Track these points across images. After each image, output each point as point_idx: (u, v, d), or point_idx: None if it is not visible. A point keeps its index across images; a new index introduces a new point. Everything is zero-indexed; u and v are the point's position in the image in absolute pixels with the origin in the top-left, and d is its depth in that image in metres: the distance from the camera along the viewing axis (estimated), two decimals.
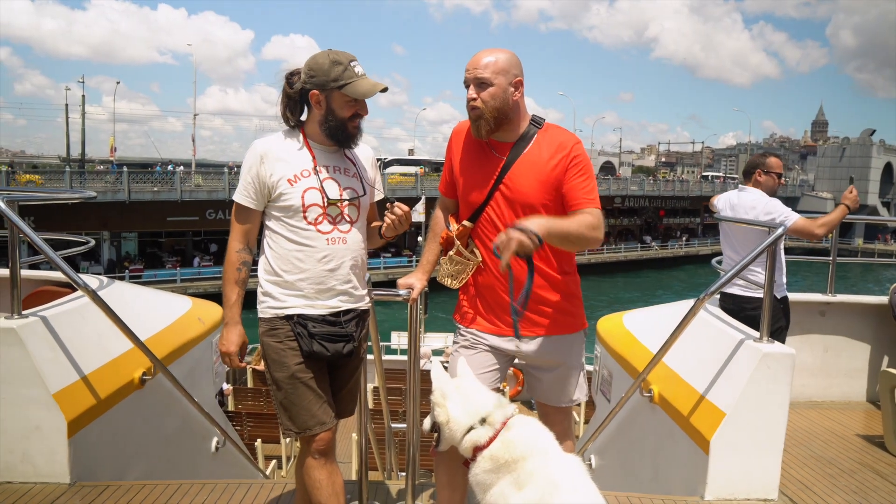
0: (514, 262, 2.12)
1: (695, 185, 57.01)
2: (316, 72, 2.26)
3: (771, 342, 3.04)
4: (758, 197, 4.06)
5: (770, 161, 4.19)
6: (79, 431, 2.85)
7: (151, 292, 4.62)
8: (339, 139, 2.35)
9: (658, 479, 3.52)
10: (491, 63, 2.28)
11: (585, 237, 2.23)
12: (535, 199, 2.34)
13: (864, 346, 5.03)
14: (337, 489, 2.39)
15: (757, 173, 4.16)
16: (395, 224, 2.42)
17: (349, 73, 2.25)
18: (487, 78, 2.27)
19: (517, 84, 2.32)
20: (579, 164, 2.33)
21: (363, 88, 2.27)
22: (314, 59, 2.28)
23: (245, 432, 7.23)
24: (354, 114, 2.32)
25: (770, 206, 4.01)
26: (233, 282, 2.36)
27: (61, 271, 2.94)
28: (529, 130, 2.39)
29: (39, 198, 5.01)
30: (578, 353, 2.53)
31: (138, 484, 3.00)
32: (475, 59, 2.32)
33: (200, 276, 30.70)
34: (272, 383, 2.36)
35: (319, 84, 2.26)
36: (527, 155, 2.36)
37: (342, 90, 2.25)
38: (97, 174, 31.09)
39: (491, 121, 2.32)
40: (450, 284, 2.54)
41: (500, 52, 2.32)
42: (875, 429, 4.25)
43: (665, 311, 4.43)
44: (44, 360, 2.81)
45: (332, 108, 2.29)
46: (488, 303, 2.48)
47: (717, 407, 3.00)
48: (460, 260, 2.48)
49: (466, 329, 2.54)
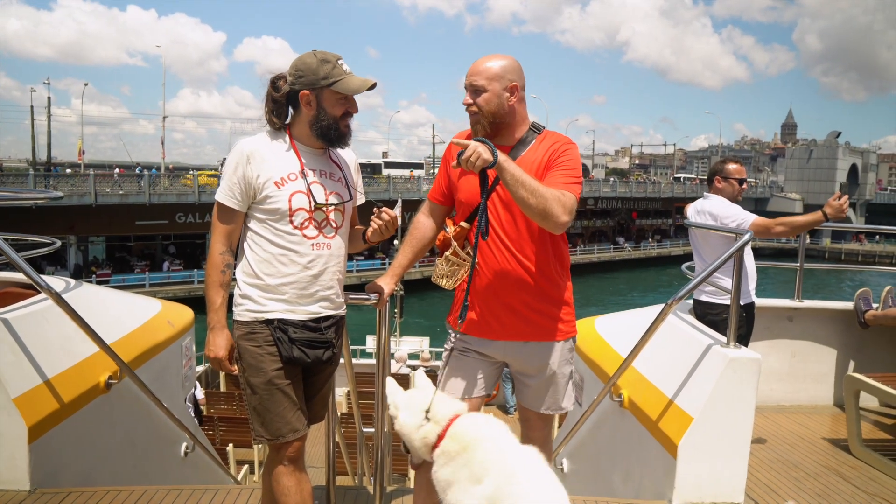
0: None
1: (666, 186, 57.89)
2: (304, 72, 2.24)
3: (738, 347, 3.08)
4: (717, 204, 4.03)
5: (728, 167, 4.13)
6: (40, 437, 2.79)
7: (119, 294, 4.54)
8: (330, 139, 2.33)
9: (628, 483, 3.55)
10: (485, 70, 2.33)
11: (547, 204, 2.13)
12: None
13: (831, 350, 5.12)
14: (305, 496, 2.37)
15: (716, 180, 4.13)
16: (381, 229, 2.41)
17: (338, 70, 2.25)
18: (481, 84, 2.32)
19: (512, 89, 2.34)
20: (565, 156, 2.34)
21: (354, 84, 2.26)
22: (301, 59, 2.27)
23: (217, 436, 7.15)
24: (345, 112, 2.32)
25: (726, 212, 3.96)
26: (217, 285, 2.31)
27: (23, 272, 2.88)
28: (528, 136, 2.41)
29: (3, 197, 4.90)
30: (567, 360, 2.52)
31: (102, 490, 2.94)
32: (473, 65, 2.37)
33: (170, 280, 30.45)
34: (246, 387, 2.32)
35: (309, 83, 2.24)
36: (523, 158, 2.37)
37: (332, 87, 2.24)
38: (63, 177, 30.62)
39: (486, 125, 2.36)
40: (444, 285, 2.54)
41: (498, 59, 2.36)
42: (840, 432, 4.33)
43: (636, 316, 4.46)
44: (4, 364, 2.75)
45: (324, 107, 2.28)
46: (479, 307, 2.47)
47: (685, 411, 3.03)
48: (456, 261, 2.48)
49: (457, 333, 2.53)
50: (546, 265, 2.40)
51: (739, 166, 4.19)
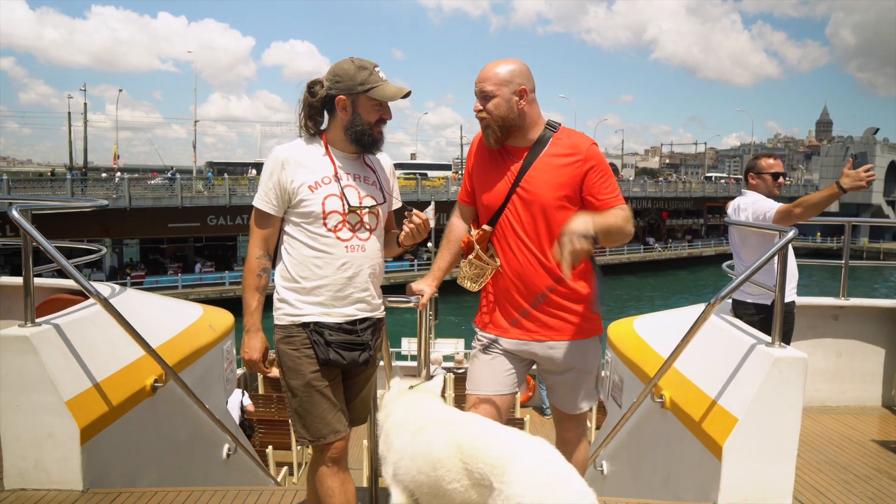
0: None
1: (697, 186, 56.90)
2: (342, 77, 2.28)
3: (783, 347, 3.01)
4: (749, 200, 3.98)
5: (760, 163, 4.07)
6: (91, 438, 2.87)
7: (162, 299, 4.64)
8: (364, 144, 2.36)
9: (669, 486, 3.50)
10: (493, 75, 2.37)
11: (623, 230, 2.33)
12: (551, 201, 2.37)
13: (878, 349, 4.98)
14: (349, 497, 2.39)
15: (749, 177, 4.10)
16: (413, 233, 2.43)
17: (374, 77, 2.28)
18: (490, 90, 2.36)
19: (521, 93, 2.36)
20: (597, 166, 2.38)
21: (390, 91, 2.29)
22: (339, 65, 2.30)
23: (256, 439, 7.25)
24: (380, 118, 2.35)
25: (756, 206, 3.89)
26: (253, 288, 2.36)
27: (74, 279, 2.97)
28: (545, 135, 2.43)
29: (52, 206, 5.03)
30: (594, 358, 2.54)
31: (150, 491, 3.01)
32: (481, 72, 2.40)
33: (202, 282, 30.87)
34: (287, 390, 2.36)
35: (346, 89, 2.28)
36: (542, 158, 2.39)
37: (369, 94, 2.28)
38: (98, 181, 31.32)
39: (497, 129, 2.39)
40: (469, 287, 2.58)
41: (506, 64, 2.38)
42: (891, 434, 4.21)
43: (675, 316, 4.40)
44: (56, 368, 2.84)
45: (359, 113, 2.31)
46: (505, 307, 2.50)
47: (730, 412, 2.98)
48: (479, 264, 2.52)
49: (484, 333, 2.58)
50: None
51: (774, 161, 4.10)
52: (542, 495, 1.75)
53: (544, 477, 1.79)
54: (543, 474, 1.80)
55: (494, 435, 1.98)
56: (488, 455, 1.88)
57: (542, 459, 1.85)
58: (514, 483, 1.78)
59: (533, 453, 1.87)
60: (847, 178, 3.52)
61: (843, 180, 3.53)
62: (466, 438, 1.98)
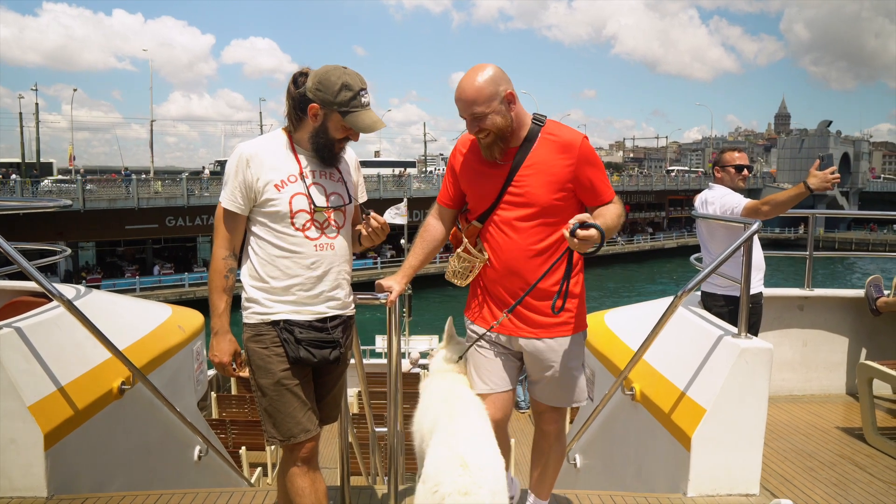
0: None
1: (659, 179, 57.73)
2: (324, 88, 2.21)
3: (749, 338, 3.07)
4: (717, 194, 4.05)
5: (725, 156, 4.14)
6: (56, 444, 2.81)
7: (130, 300, 4.56)
8: (323, 156, 2.34)
9: (641, 477, 3.54)
10: (479, 95, 2.28)
11: (618, 225, 2.45)
12: (543, 199, 2.37)
13: (843, 339, 5.10)
14: (320, 496, 2.37)
15: (715, 170, 4.19)
16: (371, 235, 2.41)
17: (356, 102, 2.23)
18: (481, 111, 2.29)
19: (509, 98, 2.33)
20: (592, 160, 2.41)
21: (364, 123, 2.25)
22: (326, 74, 2.22)
23: (229, 440, 7.17)
24: (345, 137, 2.31)
25: (723, 201, 3.96)
26: (221, 290, 2.31)
27: (35, 281, 2.90)
28: (533, 131, 2.41)
29: (13, 207, 4.91)
30: (578, 354, 2.54)
31: (118, 496, 2.96)
32: (464, 93, 2.30)
33: (161, 284, 30.35)
34: (257, 390, 2.33)
35: (323, 101, 2.22)
36: (532, 156, 2.38)
37: (344, 117, 2.23)
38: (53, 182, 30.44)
39: (500, 142, 2.36)
40: (457, 282, 2.59)
41: (482, 76, 2.30)
42: (854, 421, 4.31)
43: (645, 309, 4.46)
44: (19, 372, 2.77)
45: (327, 127, 2.27)
46: (494, 301, 2.51)
47: (698, 403, 3.03)
48: (468, 258, 2.52)
49: (474, 326, 2.58)
50: (556, 261, 2.41)
51: (739, 154, 4.17)
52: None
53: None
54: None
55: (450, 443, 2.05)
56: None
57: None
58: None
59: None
60: (815, 179, 3.58)
61: (811, 180, 3.59)
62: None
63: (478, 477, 1.90)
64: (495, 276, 2.47)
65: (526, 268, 2.40)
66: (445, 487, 1.87)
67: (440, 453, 2.00)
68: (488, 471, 1.95)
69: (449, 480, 1.89)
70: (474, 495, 1.85)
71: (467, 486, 1.87)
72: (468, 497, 1.85)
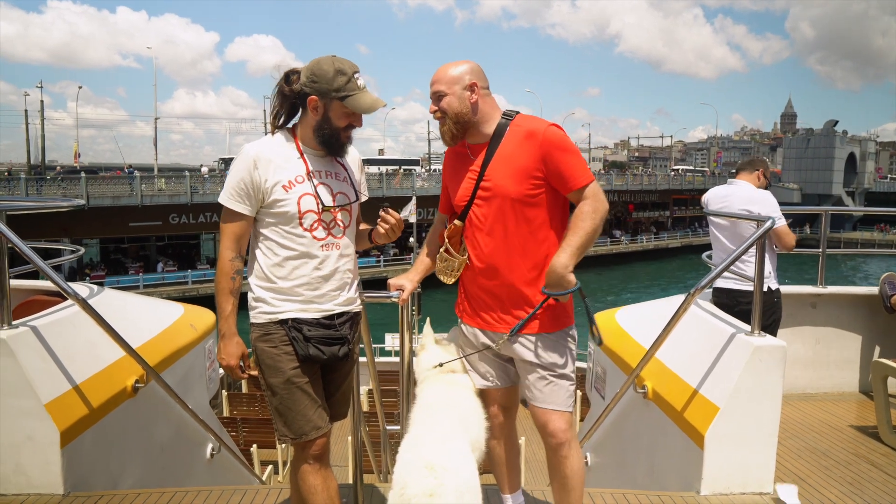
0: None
1: (663, 178, 57.45)
2: (319, 78, 2.23)
3: (762, 335, 3.05)
4: (764, 194, 4.24)
5: (766, 163, 4.47)
6: (71, 441, 2.83)
7: (142, 299, 4.59)
8: (330, 147, 2.34)
9: (654, 475, 3.53)
10: (444, 77, 2.41)
11: (597, 225, 2.31)
12: (512, 190, 2.35)
13: (856, 336, 5.06)
14: (332, 494, 2.38)
15: (760, 173, 4.39)
16: (388, 232, 2.43)
17: (352, 84, 2.23)
18: (442, 90, 2.40)
19: (471, 87, 2.39)
20: (560, 144, 2.33)
21: (365, 103, 2.26)
22: (318, 64, 2.24)
23: (240, 438, 7.20)
24: (349, 124, 2.32)
25: (765, 205, 4.11)
26: (227, 292, 2.29)
27: (51, 280, 2.92)
28: (501, 125, 2.42)
29: (28, 207, 4.96)
30: (562, 351, 2.46)
31: (132, 493, 2.98)
32: (434, 75, 2.45)
33: (164, 281, 30.37)
34: (267, 389, 2.34)
35: (320, 91, 2.23)
36: (500, 151, 2.39)
37: (343, 102, 2.24)
38: (53, 180, 30.32)
39: (452, 126, 2.41)
40: (444, 280, 2.61)
41: (456, 66, 2.43)
42: (868, 419, 4.28)
43: (657, 307, 4.44)
44: (35, 371, 2.79)
45: (329, 117, 2.28)
46: (473, 300, 2.54)
47: (711, 401, 3.01)
48: (448, 258, 2.54)
49: (464, 325, 2.61)
50: (536, 256, 2.40)
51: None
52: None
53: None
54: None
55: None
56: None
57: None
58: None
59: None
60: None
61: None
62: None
63: (444, 478, 1.93)
64: (472, 276, 2.49)
65: (504, 266, 2.39)
66: (411, 489, 1.91)
67: (406, 457, 2.06)
68: (454, 472, 1.98)
69: (414, 482, 1.94)
70: (440, 496, 1.89)
71: (432, 487, 1.91)
72: (433, 498, 1.89)
